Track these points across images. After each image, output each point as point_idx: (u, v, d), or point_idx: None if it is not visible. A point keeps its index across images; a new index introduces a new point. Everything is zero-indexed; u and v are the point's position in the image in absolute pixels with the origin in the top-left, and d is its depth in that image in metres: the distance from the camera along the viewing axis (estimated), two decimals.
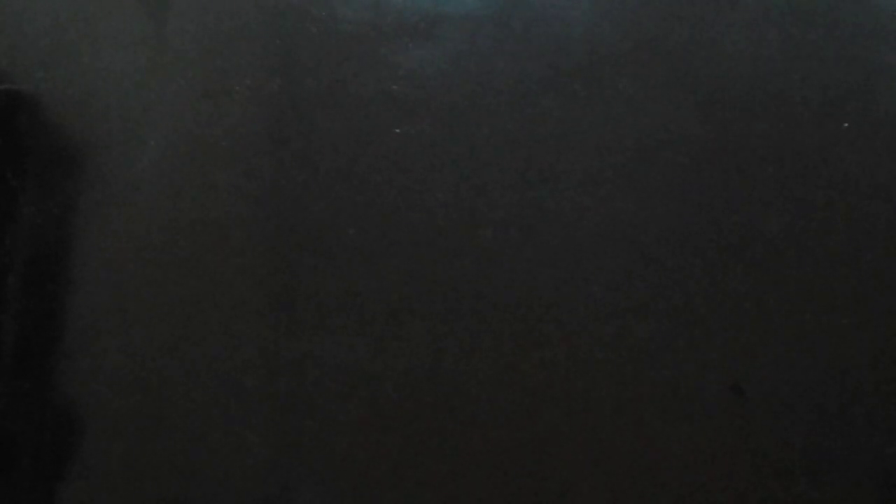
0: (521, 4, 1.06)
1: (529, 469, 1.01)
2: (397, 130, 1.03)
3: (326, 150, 1.04)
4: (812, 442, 1.00)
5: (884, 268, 1.02)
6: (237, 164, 1.05)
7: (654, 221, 1.03)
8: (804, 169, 1.04)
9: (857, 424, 0.99)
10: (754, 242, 1.02)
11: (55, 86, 1.07)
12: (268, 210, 1.04)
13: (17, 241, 1.05)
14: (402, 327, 1.03)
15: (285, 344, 1.03)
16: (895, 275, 1.02)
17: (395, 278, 1.03)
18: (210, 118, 1.05)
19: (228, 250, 1.05)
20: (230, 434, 1.03)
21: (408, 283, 1.02)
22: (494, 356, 1.02)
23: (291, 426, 1.04)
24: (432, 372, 1.02)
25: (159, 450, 1.04)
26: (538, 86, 1.05)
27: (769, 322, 1.01)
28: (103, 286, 1.05)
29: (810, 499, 0.99)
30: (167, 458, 1.04)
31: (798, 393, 1.00)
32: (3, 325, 1.04)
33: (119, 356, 1.04)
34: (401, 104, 1.04)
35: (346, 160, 1.04)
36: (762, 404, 1.00)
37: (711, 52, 1.06)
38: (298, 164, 1.04)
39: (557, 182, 1.03)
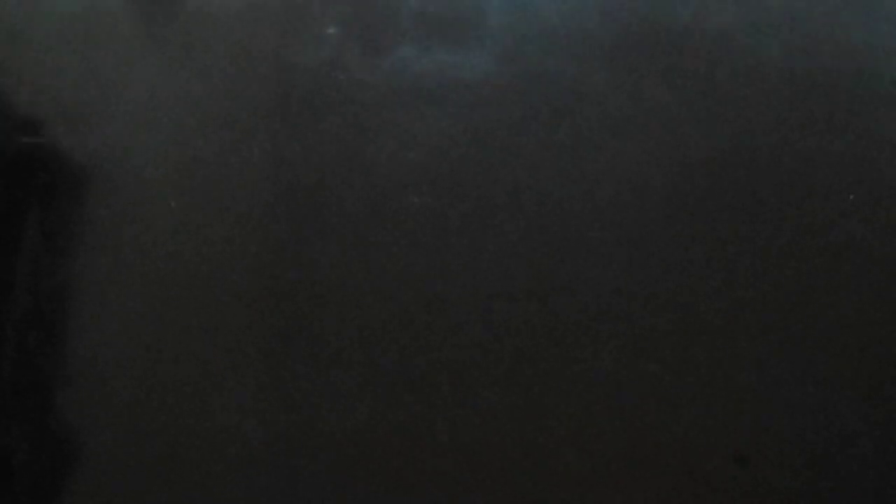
0: (537, 72, 1.08)
1: None
2: (415, 200, 1.05)
3: (343, 216, 1.06)
4: None
5: (884, 340, 1.04)
6: (253, 226, 1.06)
7: (658, 286, 1.05)
8: (811, 243, 1.06)
9: (861, 495, 1.01)
10: (757, 318, 1.04)
11: (76, 140, 1.09)
12: (281, 275, 1.06)
13: (28, 281, 1.07)
14: (409, 394, 1.04)
15: (287, 388, 1.04)
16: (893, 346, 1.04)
17: (412, 348, 1.04)
18: (228, 179, 1.07)
19: (237, 309, 1.06)
20: (229, 467, 1.04)
21: (423, 352, 1.04)
22: (499, 417, 1.03)
23: (292, 469, 1.05)
24: (431, 435, 1.03)
25: (156, 478, 1.05)
26: (555, 153, 1.06)
27: (773, 393, 1.03)
28: (104, 316, 1.06)
29: None
30: (164, 487, 1.06)
31: (801, 463, 1.02)
32: (3, 352, 1.05)
33: (118, 384, 1.05)
34: (417, 172, 1.06)
35: (362, 227, 1.06)
36: (765, 474, 1.02)
37: (714, 118, 1.08)
38: (314, 229, 1.06)
39: (572, 251, 1.05)
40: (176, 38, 1.09)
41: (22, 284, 1.07)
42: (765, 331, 1.04)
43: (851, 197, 1.07)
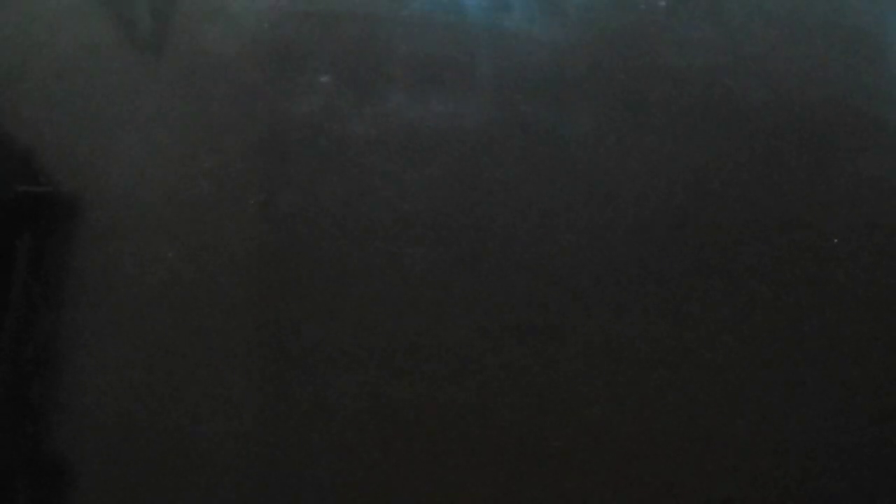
0: (529, 118, 1.10)
1: None
2: (409, 249, 1.06)
3: (336, 265, 1.07)
4: None
5: (871, 383, 1.06)
6: (245, 276, 1.07)
7: (649, 336, 1.06)
8: (794, 286, 1.08)
9: None
10: (742, 358, 1.06)
11: (74, 187, 1.10)
12: (274, 324, 1.07)
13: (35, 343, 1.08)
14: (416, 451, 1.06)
15: (282, 410, 1.05)
16: (882, 392, 1.06)
17: (407, 398, 1.05)
18: (220, 228, 1.08)
19: (228, 354, 1.06)
20: (224, 488, 1.05)
21: (418, 401, 1.05)
22: (490, 417, 1.05)
23: (288, 483, 1.06)
24: (424, 442, 1.04)
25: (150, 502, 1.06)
26: (547, 199, 1.08)
27: (759, 437, 1.05)
28: (96, 341, 1.07)
29: None
30: None
31: None
32: None
33: (111, 408, 1.06)
34: (410, 220, 1.07)
35: (356, 276, 1.07)
36: None
37: (702, 160, 1.10)
38: (306, 280, 1.07)
39: (565, 296, 1.07)
40: (169, 85, 1.10)
41: (12, 321, 1.07)
42: (751, 376, 1.06)
43: (836, 241, 1.09)
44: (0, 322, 1.07)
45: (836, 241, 1.09)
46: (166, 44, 1.11)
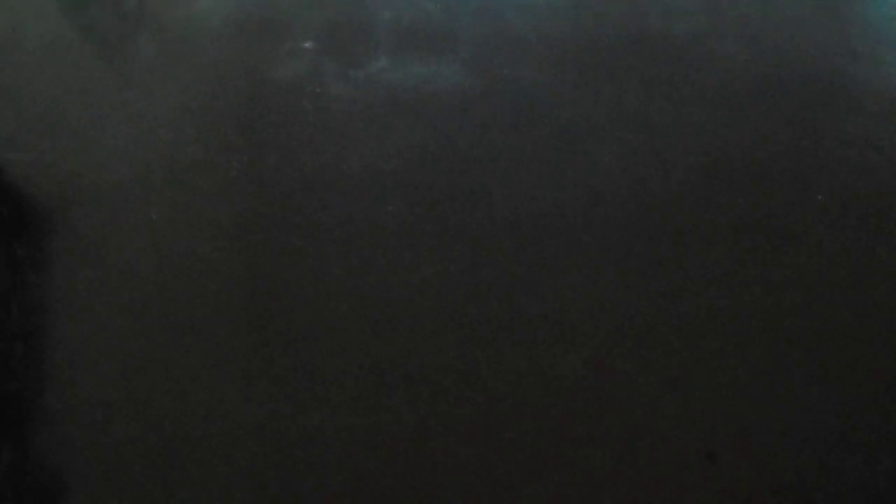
0: (509, 81, 1.10)
1: None
2: (389, 208, 1.07)
3: (319, 225, 1.08)
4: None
5: (855, 335, 1.06)
6: (232, 236, 1.08)
7: (632, 292, 1.06)
8: (781, 243, 1.08)
9: (828, 489, 1.03)
10: (730, 318, 1.06)
11: (56, 156, 1.11)
12: (257, 285, 1.07)
13: (22, 310, 1.08)
14: (389, 397, 1.06)
15: (273, 420, 1.05)
16: (865, 344, 1.05)
17: (387, 352, 1.06)
18: (206, 190, 1.09)
19: (215, 321, 1.07)
20: (214, 501, 1.05)
21: (398, 356, 1.05)
22: (473, 417, 1.05)
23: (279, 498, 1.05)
24: (414, 436, 1.04)
25: None
26: (524, 159, 1.09)
27: (742, 390, 1.05)
28: (86, 354, 1.08)
29: None
30: None
31: (769, 458, 1.03)
32: None
33: (102, 422, 1.06)
34: (391, 180, 1.08)
35: (338, 234, 1.07)
36: (734, 470, 1.03)
37: (684, 122, 1.10)
38: (291, 238, 1.08)
39: (544, 255, 1.07)
40: (155, 52, 1.12)
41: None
42: (732, 330, 1.06)
43: (820, 198, 1.09)
44: None
45: (819, 197, 1.09)
46: (151, 13, 1.13)
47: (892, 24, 1.14)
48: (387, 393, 1.05)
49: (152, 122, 1.10)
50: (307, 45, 1.11)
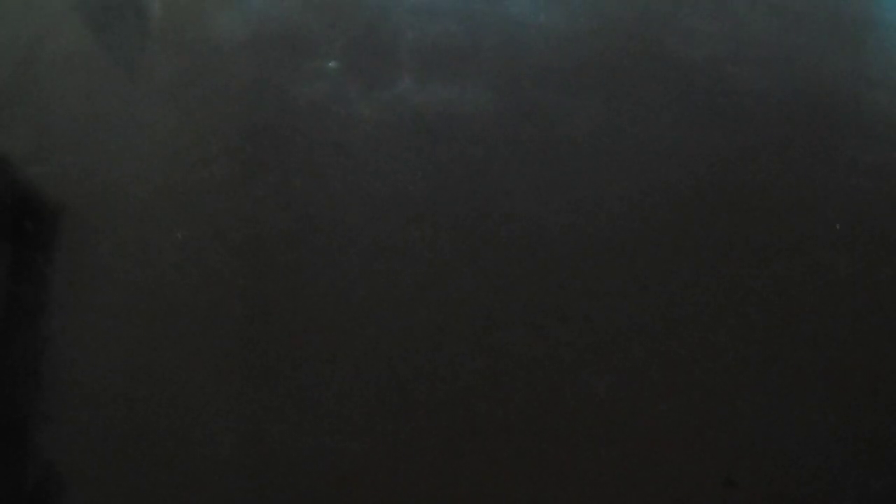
0: (532, 104, 1.11)
1: None
2: (414, 231, 1.07)
3: (343, 246, 1.08)
4: None
5: (871, 364, 1.07)
6: (252, 257, 1.07)
7: (653, 318, 1.07)
8: (796, 271, 1.09)
9: None
10: (746, 344, 1.07)
11: (79, 171, 1.11)
12: (278, 305, 1.07)
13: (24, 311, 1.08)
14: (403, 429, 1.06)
15: (267, 424, 1.05)
16: (881, 373, 1.07)
17: (407, 376, 1.06)
18: (230, 210, 1.09)
19: (213, 321, 1.07)
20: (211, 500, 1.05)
21: (419, 382, 1.06)
22: (486, 435, 1.06)
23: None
24: (416, 453, 1.05)
25: None
26: (550, 183, 1.09)
27: (761, 417, 1.06)
28: (84, 351, 1.07)
29: None
30: None
31: (788, 484, 1.05)
32: None
33: (99, 420, 1.05)
34: (415, 203, 1.08)
35: (363, 257, 1.08)
36: (753, 497, 1.05)
37: (704, 145, 1.11)
38: (314, 260, 1.08)
39: (566, 278, 1.08)
40: (180, 70, 1.12)
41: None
42: (752, 357, 1.07)
43: (838, 227, 1.11)
44: None
45: (837, 226, 1.10)
46: (175, 31, 1.13)
47: None
48: (405, 416, 1.05)
49: (175, 140, 1.10)
50: (332, 64, 1.12)
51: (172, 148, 1.11)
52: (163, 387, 1.06)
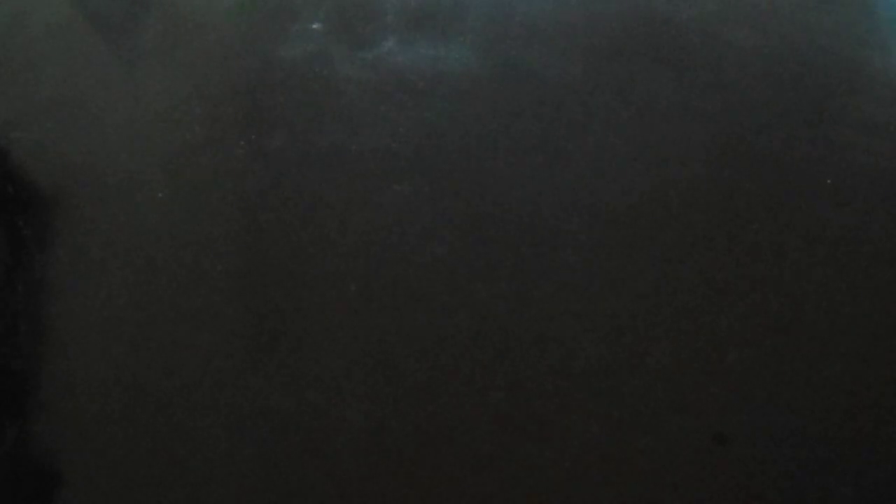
0: (518, 64, 1.10)
1: None
2: (396, 187, 1.06)
3: (326, 206, 1.07)
4: (795, 489, 1.03)
5: (864, 318, 1.05)
6: (238, 220, 1.08)
7: (642, 276, 1.06)
8: (789, 228, 1.08)
9: (840, 472, 1.02)
10: (737, 299, 1.06)
11: (62, 135, 1.10)
12: (265, 265, 1.07)
13: (27, 288, 1.08)
14: (398, 384, 1.05)
15: (273, 402, 1.04)
16: (875, 326, 1.05)
17: (393, 335, 1.05)
18: (213, 172, 1.08)
19: (219, 302, 1.06)
20: (214, 490, 1.04)
21: (405, 345, 1.05)
22: (478, 405, 1.05)
23: (279, 485, 1.04)
24: (422, 434, 1.04)
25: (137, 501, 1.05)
26: (533, 143, 1.08)
27: (752, 372, 1.04)
28: (84, 337, 1.06)
29: None
30: None
31: (779, 441, 1.03)
32: None
33: (98, 407, 1.05)
34: (400, 161, 1.07)
35: (346, 215, 1.07)
36: (744, 453, 1.03)
37: (693, 107, 1.10)
38: (297, 220, 1.07)
39: (554, 240, 1.07)
40: (163, 33, 1.12)
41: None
42: (744, 311, 1.06)
43: (829, 181, 1.09)
44: None
45: (829, 181, 1.09)
46: None
47: None
48: (392, 378, 1.04)
49: (158, 102, 1.10)
50: (315, 26, 1.11)
51: (155, 110, 1.10)
52: (161, 355, 1.05)
